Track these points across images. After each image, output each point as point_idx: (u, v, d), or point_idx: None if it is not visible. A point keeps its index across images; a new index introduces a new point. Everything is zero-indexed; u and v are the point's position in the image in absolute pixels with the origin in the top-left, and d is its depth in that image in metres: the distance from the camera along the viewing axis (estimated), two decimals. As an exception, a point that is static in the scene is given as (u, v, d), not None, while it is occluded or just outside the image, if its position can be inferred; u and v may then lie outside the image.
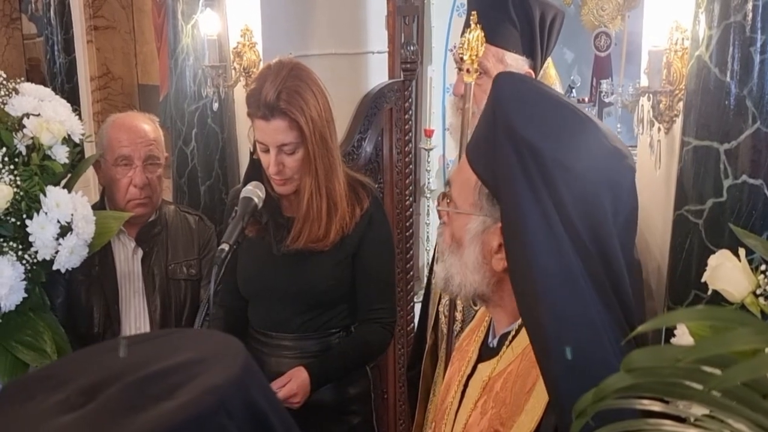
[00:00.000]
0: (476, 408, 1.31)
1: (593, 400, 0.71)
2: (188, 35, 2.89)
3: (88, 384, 0.68)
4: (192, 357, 0.70)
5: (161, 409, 0.64)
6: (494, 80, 1.23)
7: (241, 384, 0.69)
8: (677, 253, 1.96)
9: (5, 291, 1.92)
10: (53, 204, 1.97)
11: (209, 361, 0.70)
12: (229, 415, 0.66)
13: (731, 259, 1.32)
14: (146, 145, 2.36)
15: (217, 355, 0.71)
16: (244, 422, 0.68)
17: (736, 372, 0.58)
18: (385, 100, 3.39)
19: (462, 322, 2.01)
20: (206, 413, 0.65)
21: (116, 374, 0.68)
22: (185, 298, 2.42)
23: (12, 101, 2.04)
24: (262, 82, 2.01)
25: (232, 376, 0.68)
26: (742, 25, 1.77)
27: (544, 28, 1.98)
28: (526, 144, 1.13)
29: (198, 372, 0.68)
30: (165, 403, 0.64)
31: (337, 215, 2.08)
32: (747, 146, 1.79)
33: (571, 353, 1.06)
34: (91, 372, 0.70)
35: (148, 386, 0.66)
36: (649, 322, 0.74)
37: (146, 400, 0.65)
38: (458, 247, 1.27)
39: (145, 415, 0.63)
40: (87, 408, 0.66)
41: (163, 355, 0.71)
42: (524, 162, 1.12)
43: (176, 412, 0.63)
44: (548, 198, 1.12)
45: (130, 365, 0.69)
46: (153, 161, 2.38)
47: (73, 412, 0.66)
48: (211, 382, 0.66)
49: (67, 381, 0.69)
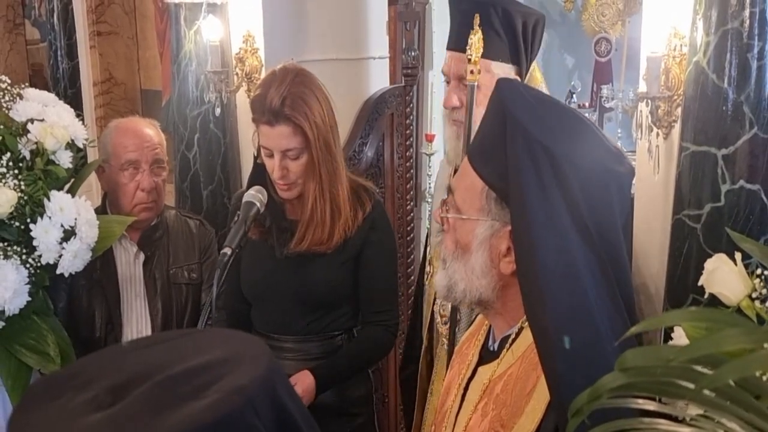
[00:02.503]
0: (477, 410, 1.32)
1: (588, 399, 0.73)
2: (191, 41, 2.91)
3: (115, 383, 0.68)
4: (217, 357, 0.71)
5: (191, 409, 0.64)
6: (497, 86, 1.25)
7: (268, 383, 0.70)
8: (676, 258, 1.97)
9: (9, 294, 1.93)
10: (57, 208, 1.98)
11: (234, 361, 0.70)
12: (257, 414, 0.67)
13: (727, 263, 1.33)
14: (152, 149, 2.38)
15: (241, 354, 0.72)
16: (271, 421, 0.68)
17: (725, 371, 0.59)
18: (386, 105, 3.41)
19: (459, 321, 2.03)
20: (235, 413, 0.65)
21: (143, 374, 0.69)
22: (186, 302, 2.44)
23: (16, 106, 2.06)
24: (266, 88, 2.03)
25: (258, 376, 0.69)
26: (740, 31, 1.78)
27: (527, 35, 2.01)
28: (539, 144, 1.14)
29: (224, 372, 0.68)
30: (194, 402, 0.65)
31: (340, 219, 2.10)
32: (744, 152, 1.81)
33: (569, 342, 1.07)
34: (116, 371, 0.70)
35: (175, 386, 0.67)
36: (643, 322, 0.76)
37: (175, 400, 0.65)
38: (464, 252, 1.27)
39: (175, 414, 0.64)
40: (116, 407, 0.66)
41: (188, 355, 0.71)
42: (537, 163, 1.13)
43: (206, 412, 0.64)
44: (561, 197, 1.13)
45: (156, 365, 0.70)
46: (159, 164, 2.41)
47: (102, 411, 0.66)
48: (238, 382, 0.67)
49: (93, 380, 0.70)
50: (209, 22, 2.80)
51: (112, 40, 3.88)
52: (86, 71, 3.88)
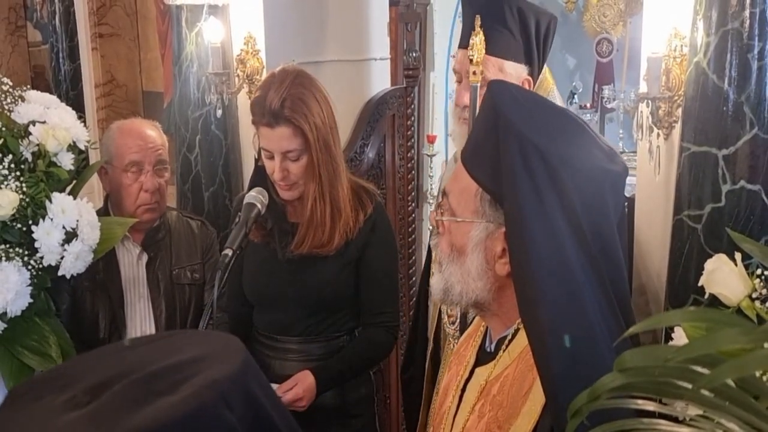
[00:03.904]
0: (474, 411, 1.33)
1: (588, 399, 0.73)
2: (192, 43, 2.92)
3: (93, 383, 0.70)
4: (194, 355, 0.72)
5: (163, 403, 0.66)
6: (489, 87, 1.25)
7: (241, 379, 0.71)
8: (676, 258, 1.97)
9: (11, 296, 1.93)
10: (59, 210, 1.99)
11: (210, 359, 0.72)
12: (229, 408, 0.68)
13: (728, 263, 1.33)
14: (155, 150, 2.39)
15: (217, 352, 0.74)
16: (244, 415, 0.70)
17: (722, 371, 0.59)
18: (387, 107, 3.41)
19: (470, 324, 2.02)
20: (207, 406, 0.67)
21: (121, 373, 0.70)
22: (189, 302, 2.45)
23: (18, 109, 2.06)
24: (266, 90, 2.03)
25: (232, 371, 0.70)
26: (740, 32, 1.79)
27: (539, 35, 2.01)
28: (533, 145, 1.14)
29: (200, 369, 0.70)
30: (167, 397, 0.67)
31: (340, 221, 2.10)
32: (745, 152, 1.81)
33: (570, 341, 1.08)
34: (96, 372, 0.72)
35: (151, 383, 0.69)
36: (642, 322, 0.76)
37: (149, 396, 0.67)
38: (459, 255, 1.28)
39: (148, 409, 0.65)
40: (92, 405, 0.68)
41: (165, 355, 0.73)
42: (530, 164, 1.14)
43: (178, 406, 0.66)
44: (556, 198, 1.13)
45: (134, 364, 0.71)
46: (162, 165, 2.41)
47: (79, 409, 0.68)
48: (211, 377, 0.69)
49: (74, 381, 0.71)
50: (210, 23, 2.81)
51: (114, 42, 3.89)
52: (88, 73, 3.89)
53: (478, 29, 1.88)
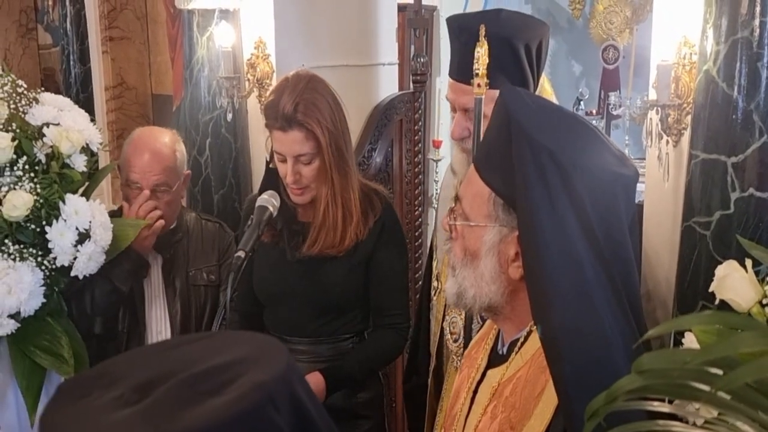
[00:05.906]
0: (486, 413, 1.33)
1: (605, 401, 0.74)
2: (203, 47, 2.94)
3: (140, 381, 0.71)
4: (238, 356, 0.73)
5: (213, 404, 0.66)
6: (501, 94, 1.26)
7: (286, 380, 0.72)
8: (685, 264, 1.98)
9: (25, 296, 1.95)
10: (72, 211, 2.01)
11: (254, 360, 0.73)
12: (276, 409, 0.69)
13: (738, 269, 1.34)
14: (155, 175, 2.32)
15: (261, 353, 0.74)
16: (289, 416, 0.71)
17: (741, 373, 0.60)
18: (395, 112, 3.43)
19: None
20: (256, 407, 0.67)
21: (167, 372, 0.71)
22: (205, 303, 2.46)
23: (32, 111, 2.08)
24: (279, 94, 2.04)
25: (278, 373, 0.71)
26: (750, 40, 1.80)
27: (531, 57, 1.92)
28: (545, 149, 1.15)
29: (245, 369, 0.71)
30: (216, 398, 0.67)
31: (351, 223, 2.12)
32: (754, 160, 1.81)
33: (582, 343, 1.08)
34: (142, 370, 0.73)
35: (198, 383, 0.69)
36: (658, 327, 0.77)
37: (198, 396, 0.68)
38: (473, 259, 1.29)
39: (199, 409, 0.66)
40: (142, 404, 0.68)
41: (209, 355, 0.73)
42: (543, 168, 1.15)
43: (228, 407, 0.66)
44: (568, 201, 1.14)
45: (179, 364, 0.72)
46: (162, 188, 2.35)
47: (129, 407, 0.68)
48: (258, 379, 0.69)
49: (120, 379, 0.72)
50: (221, 28, 2.83)
51: (124, 45, 3.92)
52: (98, 76, 3.91)
53: (483, 40, 1.80)
